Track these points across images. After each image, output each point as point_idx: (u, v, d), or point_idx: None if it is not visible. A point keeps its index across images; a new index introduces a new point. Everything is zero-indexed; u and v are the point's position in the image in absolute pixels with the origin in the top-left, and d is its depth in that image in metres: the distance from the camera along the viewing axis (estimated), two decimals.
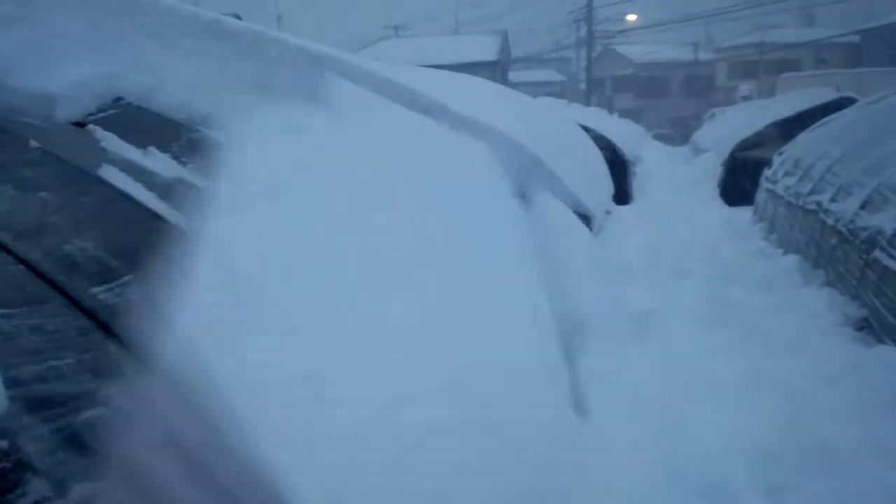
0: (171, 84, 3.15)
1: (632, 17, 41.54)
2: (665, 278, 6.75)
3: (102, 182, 2.60)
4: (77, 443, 1.68)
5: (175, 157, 3.17)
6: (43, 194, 2.41)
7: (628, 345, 4.86)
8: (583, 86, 38.42)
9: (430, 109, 5.51)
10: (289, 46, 3.78)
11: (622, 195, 12.59)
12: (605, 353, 4.03)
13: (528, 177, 6.07)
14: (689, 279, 6.70)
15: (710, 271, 7.07)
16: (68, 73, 2.75)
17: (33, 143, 2.56)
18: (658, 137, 25.97)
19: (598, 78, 40.91)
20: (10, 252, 2.11)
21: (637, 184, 14.21)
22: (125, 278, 2.27)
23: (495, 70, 30.99)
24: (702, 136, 19.86)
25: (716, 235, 9.27)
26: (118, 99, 3.01)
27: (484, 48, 34.21)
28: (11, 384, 1.69)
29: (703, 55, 47.37)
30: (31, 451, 1.59)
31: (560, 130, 9.54)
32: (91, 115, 2.86)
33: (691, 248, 8.24)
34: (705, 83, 45.70)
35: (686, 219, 10.62)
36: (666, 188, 14.09)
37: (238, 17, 4.87)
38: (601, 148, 11.74)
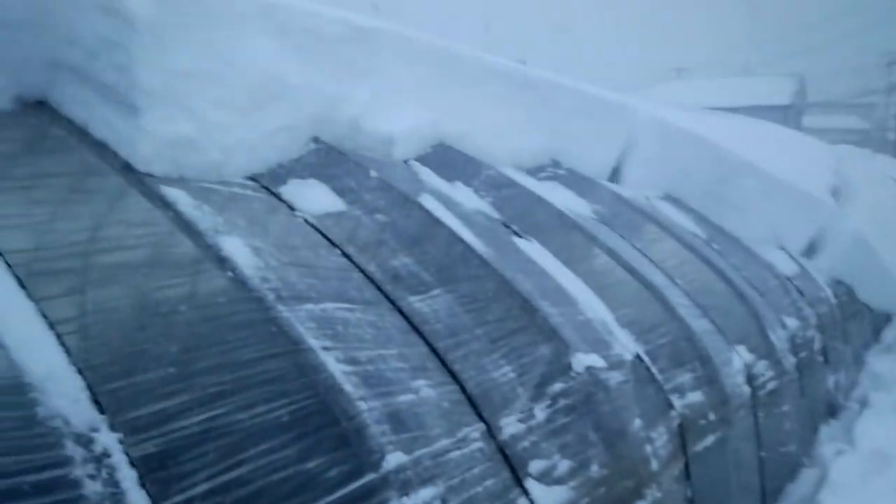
0: (480, 128, 3.62)
1: None
2: None
3: (421, 207, 3.10)
4: (395, 419, 2.09)
5: (476, 191, 3.65)
6: (379, 216, 2.96)
7: None
8: (891, 135, 33.93)
9: (733, 164, 5.33)
10: (586, 96, 4.09)
11: None
12: None
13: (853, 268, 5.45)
14: None
15: None
16: (403, 119, 3.33)
17: (373, 174, 3.15)
18: None
19: None
20: (354, 263, 2.65)
21: None
22: (435, 291, 2.71)
23: (788, 114, 28.88)
24: None
25: None
26: (439, 142, 3.55)
27: (775, 91, 32.05)
28: (350, 361, 2.15)
29: None
30: (365, 417, 2.02)
31: (878, 191, 8.38)
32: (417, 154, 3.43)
33: None
34: None
35: None
36: None
37: (524, 62, 5.30)
38: None
